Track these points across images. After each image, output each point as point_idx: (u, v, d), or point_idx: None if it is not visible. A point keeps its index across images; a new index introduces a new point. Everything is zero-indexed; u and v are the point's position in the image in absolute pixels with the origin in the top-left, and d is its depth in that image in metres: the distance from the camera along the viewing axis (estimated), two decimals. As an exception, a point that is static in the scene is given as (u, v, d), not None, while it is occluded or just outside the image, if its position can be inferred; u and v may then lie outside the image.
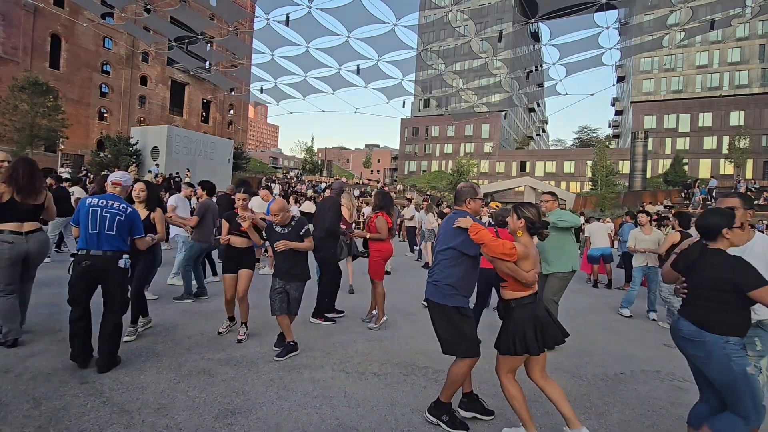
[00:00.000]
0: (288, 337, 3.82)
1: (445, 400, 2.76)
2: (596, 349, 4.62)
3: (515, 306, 2.58)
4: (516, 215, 2.66)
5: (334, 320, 5.07)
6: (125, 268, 3.34)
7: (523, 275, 2.51)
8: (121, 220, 3.30)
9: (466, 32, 44.42)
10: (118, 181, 3.51)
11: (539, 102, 77.12)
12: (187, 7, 24.04)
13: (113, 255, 3.26)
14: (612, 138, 65.24)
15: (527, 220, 2.62)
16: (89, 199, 3.32)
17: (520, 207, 2.69)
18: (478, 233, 2.60)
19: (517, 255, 2.51)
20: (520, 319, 2.53)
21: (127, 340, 3.80)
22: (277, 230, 3.87)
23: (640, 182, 33.22)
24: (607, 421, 2.99)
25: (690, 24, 25.40)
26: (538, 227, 2.62)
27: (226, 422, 2.62)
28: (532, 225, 2.62)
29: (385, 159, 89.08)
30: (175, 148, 25.83)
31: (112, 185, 3.49)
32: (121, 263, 3.28)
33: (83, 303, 3.23)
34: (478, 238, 2.59)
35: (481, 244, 2.60)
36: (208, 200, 5.93)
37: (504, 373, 2.62)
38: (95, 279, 3.28)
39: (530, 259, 2.55)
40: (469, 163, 46.81)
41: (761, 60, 45.13)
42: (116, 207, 3.32)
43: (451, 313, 2.72)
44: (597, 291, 8.75)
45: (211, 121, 49.51)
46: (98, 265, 3.22)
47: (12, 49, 31.34)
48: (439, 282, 2.76)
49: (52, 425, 2.45)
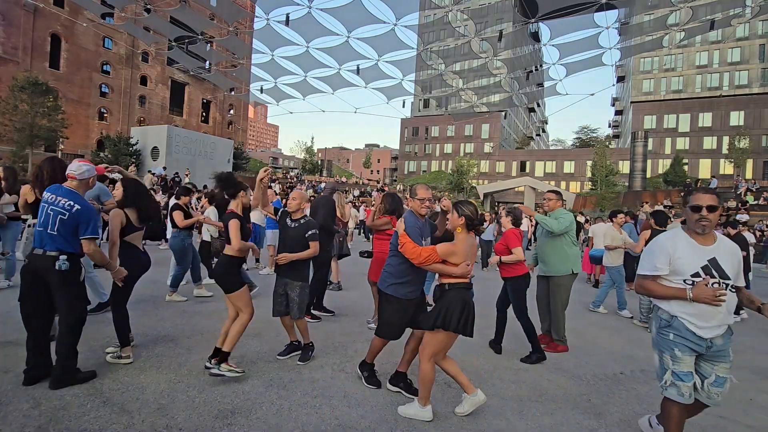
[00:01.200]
0: (291, 337, 3.83)
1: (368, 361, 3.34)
2: (596, 349, 4.62)
3: (449, 288, 2.83)
4: (457, 213, 2.89)
5: (320, 318, 5.09)
6: (63, 271, 2.94)
7: (451, 270, 2.79)
8: (63, 219, 2.92)
9: (466, 32, 44.41)
10: (72, 174, 3.07)
11: (539, 102, 77.10)
12: (187, 7, 24.05)
13: (53, 256, 2.93)
14: (612, 138, 65.27)
15: (467, 217, 2.86)
16: (45, 193, 3.03)
17: (460, 205, 2.91)
18: (403, 246, 2.92)
19: (438, 257, 2.79)
20: (452, 299, 2.78)
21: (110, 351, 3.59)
22: (288, 221, 3.73)
23: (640, 182, 33.26)
24: (607, 421, 2.99)
25: (690, 24, 25.39)
26: (476, 224, 2.90)
27: (226, 422, 2.62)
28: (471, 222, 2.87)
29: (385, 159, 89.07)
30: (175, 148, 25.84)
31: (69, 178, 3.09)
32: (57, 265, 2.92)
33: (32, 303, 3.01)
34: (402, 251, 2.92)
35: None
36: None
37: (427, 356, 2.81)
38: (38, 280, 2.99)
39: (458, 254, 2.80)
40: (468, 163, 46.84)
41: (761, 60, 45.13)
42: (61, 204, 2.95)
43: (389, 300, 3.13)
44: (597, 291, 8.74)
45: (211, 121, 49.51)
46: (38, 265, 2.95)
47: (12, 49, 31.35)
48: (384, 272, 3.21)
49: (52, 425, 2.45)
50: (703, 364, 2.33)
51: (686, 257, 2.28)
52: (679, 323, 2.28)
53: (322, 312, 5.26)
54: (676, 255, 2.30)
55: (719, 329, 2.25)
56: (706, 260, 2.26)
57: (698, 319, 2.24)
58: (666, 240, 2.38)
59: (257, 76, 29.99)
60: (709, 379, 2.30)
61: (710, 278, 2.23)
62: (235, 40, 30.20)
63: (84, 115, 36.45)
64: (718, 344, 2.27)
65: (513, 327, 4.36)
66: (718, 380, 2.29)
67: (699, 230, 2.28)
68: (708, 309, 2.21)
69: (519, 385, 3.52)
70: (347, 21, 23.11)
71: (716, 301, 2.17)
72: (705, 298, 2.18)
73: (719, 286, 2.22)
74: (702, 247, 2.29)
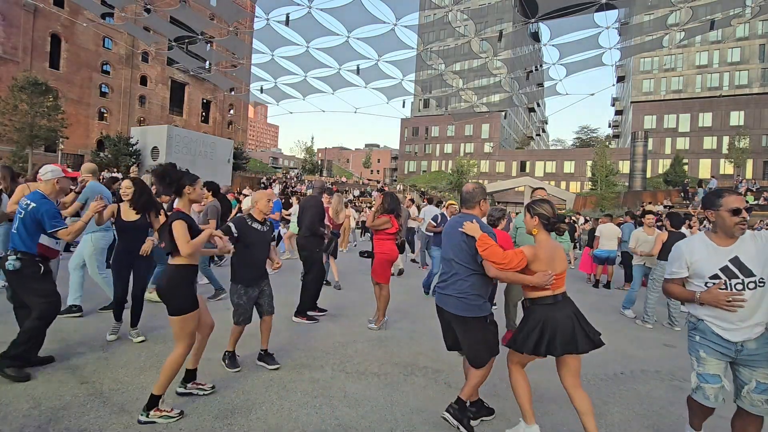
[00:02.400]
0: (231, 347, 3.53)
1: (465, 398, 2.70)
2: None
3: (530, 305, 2.53)
4: (529, 213, 2.57)
5: (317, 319, 5.06)
6: (15, 271, 3.03)
7: (528, 280, 2.43)
8: (20, 217, 3.10)
9: (466, 32, 44.39)
10: (39, 176, 3.30)
11: (539, 102, 77.09)
12: (187, 7, 23.96)
13: (3, 257, 3.13)
14: (612, 138, 65.26)
15: (541, 216, 2.52)
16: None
17: (532, 205, 2.60)
18: (487, 249, 2.47)
19: (526, 261, 2.44)
20: (532, 317, 2.49)
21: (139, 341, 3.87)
22: (255, 226, 3.37)
23: (640, 182, 33.25)
24: (607, 421, 2.99)
25: (690, 24, 25.39)
26: (554, 222, 2.52)
27: (226, 422, 2.62)
28: (548, 221, 2.52)
29: (385, 159, 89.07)
30: (175, 148, 25.85)
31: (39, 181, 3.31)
32: (7, 265, 3.03)
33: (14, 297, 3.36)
34: (487, 255, 2.47)
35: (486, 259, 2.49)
36: (216, 202, 5.95)
37: (514, 362, 2.64)
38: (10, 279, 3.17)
39: (541, 260, 2.44)
40: (469, 163, 46.82)
41: (761, 60, 45.13)
42: (23, 205, 3.12)
43: (483, 324, 2.62)
44: (597, 291, 8.76)
45: (211, 121, 49.50)
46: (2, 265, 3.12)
47: (12, 49, 31.34)
48: (464, 294, 2.59)
49: (52, 425, 2.45)
50: (741, 370, 2.22)
51: (703, 260, 2.27)
52: (705, 326, 2.27)
53: (317, 312, 5.24)
54: (693, 258, 2.30)
55: (750, 332, 2.15)
56: (726, 261, 2.20)
57: (721, 321, 2.20)
58: (682, 244, 2.42)
59: (257, 76, 30.00)
60: (749, 386, 2.18)
61: (730, 279, 2.18)
62: (235, 40, 30.18)
63: (84, 115, 36.44)
64: (751, 348, 2.16)
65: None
66: (759, 386, 2.15)
67: (738, 233, 2.21)
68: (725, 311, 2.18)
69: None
70: (347, 21, 23.09)
71: (729, 306, 2.12)
72: (716, 302, 2.14)
73: (742, 287, 2.15)
74: (722, 248, 2.24)
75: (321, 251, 5.30)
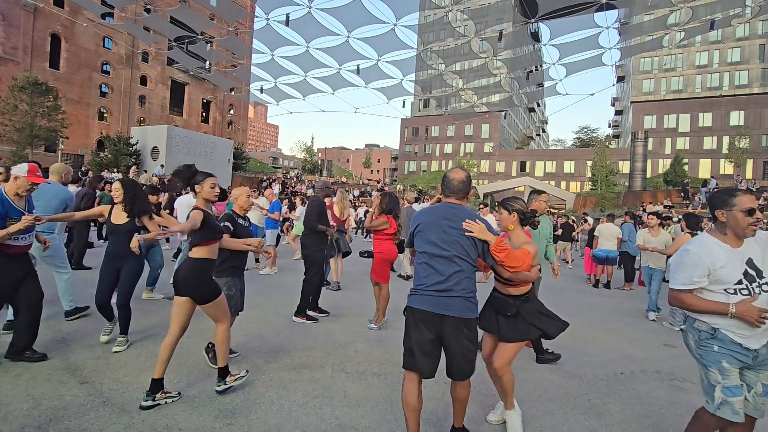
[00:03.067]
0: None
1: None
2: (596, 349, 4.62)
3: (525, 300, 2.71)
4: (507, 210, 2.72)
5: (317, 319, 5.05)
6: None
7: (532, 277, 2.53)
8: None
9: (466, 32, 44.41)
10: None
11: (539, 102, 77.06)
12: (187, 7, 24.05)
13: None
14: (612, 138, 65.21)
15: (519, 212, 2.69)
16: None
17: (508, 202, 2.73)
18: (505, 254, 2.34)
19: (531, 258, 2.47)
20: (533, 309, 2.69)
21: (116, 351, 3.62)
22: (240, 221, 3.54)
23: (640, 182, 33.25)
24: (607, 421, 2.99)
25: (690, 24, 25.40)
26: (530, 217, 2.71)
27: (226, 422, 2.62)
28: (524, 216, 2.70)
29: (385, 159, 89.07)
30: (175, 148, 25.86)
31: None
32: None
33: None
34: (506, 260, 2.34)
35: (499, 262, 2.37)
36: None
37: (508, 362, 2.67)
38: None
39: (536, 255, 2.57)
40: (469, 163, 46.85)
41: (761, 60, 45.12)
42: None
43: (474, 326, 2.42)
44: (597, 291, 8.75)
45: (211, 121, 49.51)
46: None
47: (12, 49, 31.34)
48: (471, 293, 2.36)
49: (52, 425, 2.45)
50: (747, 373, 2.15)
51: (729, 266, 2.09)
52: (723, 335, 2.10)
53: (318, 312, 5.24)
54: (718, 265, 2.09)
55: (764, 336, 2.10)
56: (744, 264, 2.10)
57: (741, 329, 2.07)
58: (698, 249, 2.14)
59: (257, 76, 30.04)
60: (755, 389, 2.12)
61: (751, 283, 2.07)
62: (235, 40, 30.20)
63: (84, 115, 36.46)
64: (763, 353, 2.11)
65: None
66: (765, 389, 2.12)
67: (750, 235, 2.11)
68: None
69: (519, 385, 3.50)
70: (347, 21, 23.13)
71: (759, 322, 2.02)
72: (749, 317, 2.02)
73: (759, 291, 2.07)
74: (737, 250, 2.13)
75: (322, 250, 5.30)
